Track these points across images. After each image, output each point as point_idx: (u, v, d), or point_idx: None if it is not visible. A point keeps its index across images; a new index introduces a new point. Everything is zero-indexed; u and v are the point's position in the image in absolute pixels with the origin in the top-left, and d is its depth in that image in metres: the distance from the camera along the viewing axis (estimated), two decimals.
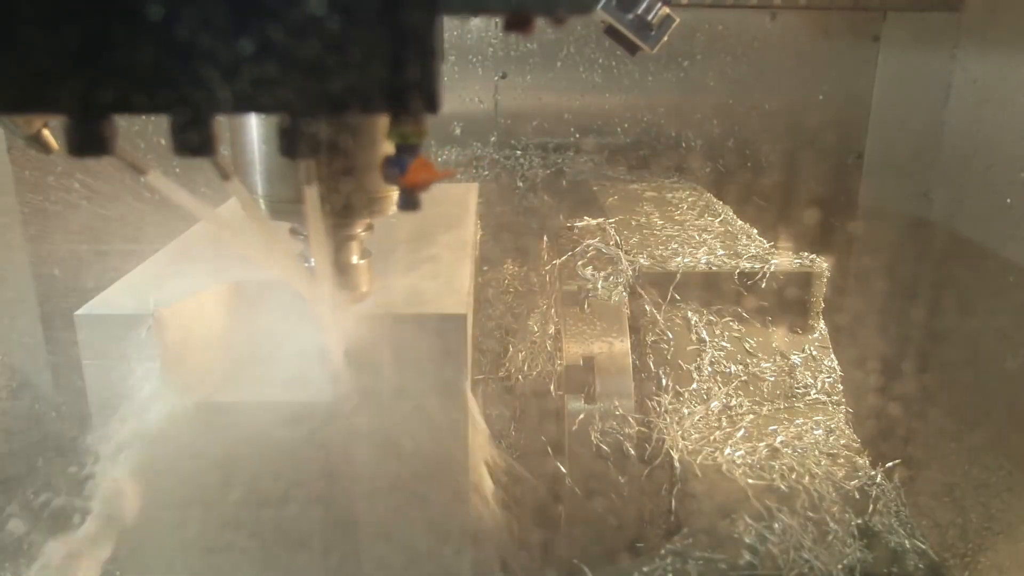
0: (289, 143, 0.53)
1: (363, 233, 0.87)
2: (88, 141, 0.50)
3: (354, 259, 0.88)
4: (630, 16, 0.85)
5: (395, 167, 0.60)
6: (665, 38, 0.86)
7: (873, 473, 1.02)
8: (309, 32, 0.47)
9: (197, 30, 0.47)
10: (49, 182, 1.88)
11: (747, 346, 1.19)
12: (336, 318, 0.85)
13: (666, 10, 0.86)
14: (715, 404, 1.13)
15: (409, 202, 0.64)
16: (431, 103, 0.50)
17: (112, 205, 1.90)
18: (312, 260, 0.83)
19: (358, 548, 0.96)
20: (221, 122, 0.52)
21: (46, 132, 0.77)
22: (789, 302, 1.22)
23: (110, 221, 1.89)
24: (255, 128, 0.79)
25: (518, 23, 0.55)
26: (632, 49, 0.88)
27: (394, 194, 0.81)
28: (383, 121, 0.76)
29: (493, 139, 2.02)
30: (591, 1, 0.57)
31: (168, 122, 0.50)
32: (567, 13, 0.53)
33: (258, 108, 0.50)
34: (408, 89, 0.50)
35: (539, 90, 1.99)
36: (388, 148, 0.75)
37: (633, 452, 1.04)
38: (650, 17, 0.85)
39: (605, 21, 0.86)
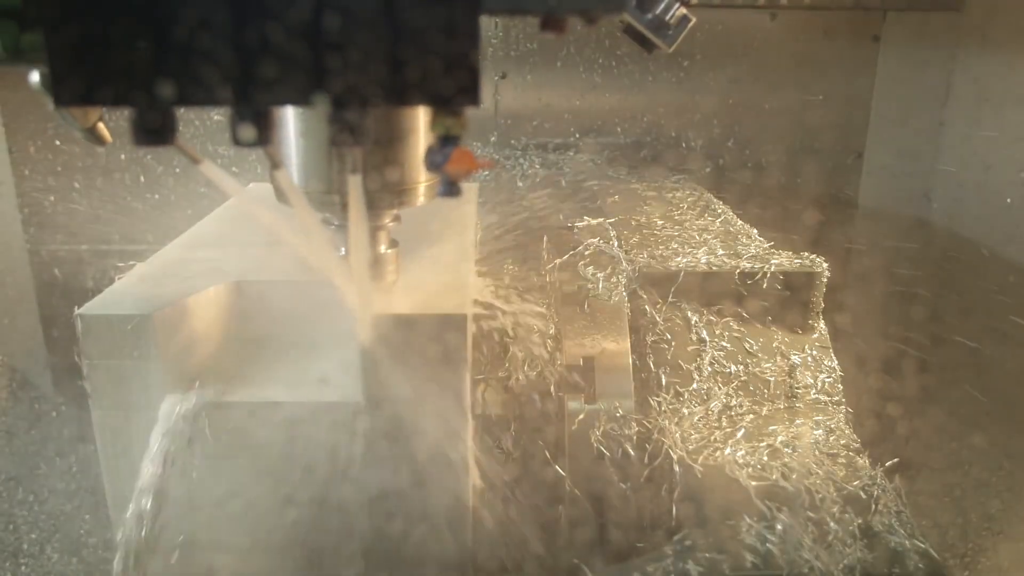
0: (339, 133, 0.55)
1: (390, 223, 0.89)
2: (151, 131, 0.53)
3: (382, 248, 0.91)
4: (649, 16, 0.87)
5: (438, 156, 0.63)
6: (681, 37, 0.89)
7: (873, 473, 1.02)
8: (360, 27, 0.51)
9: (254, 26, 0.50)
10: (49, 182, 1.88)
11: (747, 346, 1.19)
12: (355, 312, 0.86)
13: (683, 10, 0.88)
14: (715, 404, 1.13)
15: (450, 190, 0.67)
16: (473, 97, 0.54)
17: (112, 205, 1.90)
18: (344, 249, 0.86)
19: (359, 547, 0.96)
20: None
21: (101, 125, 0.78)
22: (789, 302, 1.22)
23: (110, 221, 1.89)
24: (291, 120, 0.81)
25: (553, 23, 0.57)
26: (650, 48, 0.90)
27: (422, 186, 0.86)
28: (421, 113, 0.80)
29: (493, 139, 2.02)
30: (623, 1, 0.59)
31: (227, 114, 0.53)
32: (600, 13, 0.57)
33: (310, 101, 0.53)
34: (453, 83, 0.53)
35: (539, 90, 1.99)
36: (424, 139, 0.82)
37: (633, 452, 1.04)
38: (668, 17, 0.87)
39: (624, 20, 0.88)
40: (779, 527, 0.92)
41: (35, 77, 0.53)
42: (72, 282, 1.90)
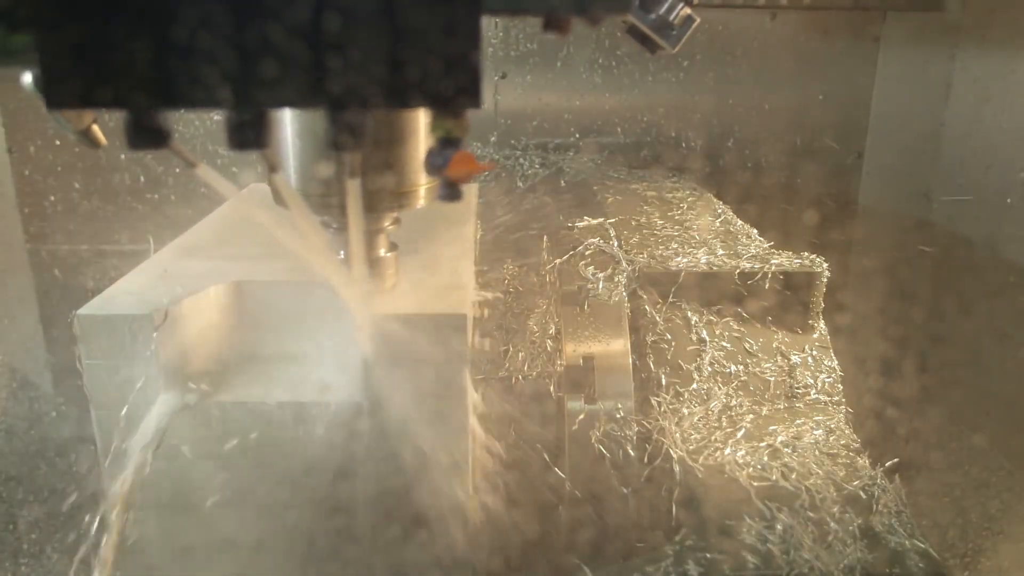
0: (336, 137, 0.54)
1: (390, 227, 0.89)
2: (145, 135, 0.52)
3: (382, 252, 0.90)
4: (652, 16, 0.86)
5: (439, 159, 0.62)
6: (686, 37, 0.88)
7: (873, 473, 1.02)
8: (360, 28, 0.50)
9: (253, 26, 0.49)
10: (49, 182, 1.88)
11: (747, 346, 1.19)
12: (352, 315, 0.86)
13: (687, 10, 0.87)
14: (715, 404, 1.13)
15: (451, 194, 0.66)
16: (475, 99, 0.53)
17: (112, 205, 1.90)
18: (342, 252, 0.85)
19: (358, 547, 0.96)
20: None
21: (95, 127, 0.78)
22: (789, 302, 1.22)
23: (110, 221, 1.89)
24: (289, 123, 0.81)
25: (556, 24, 0.56)
26: (653, 48, 0.89)
27: (422, 188, 0.85)
28: (421, 115, 0.80)
29: (493, 139, 2.02)
30: (626, 1, 0.58)
31: (224, 116, 0.52)
32: (603, 13, 0.56)
33: (309, 104, 0.52)
34: (454, 85, 0.52)
35: (539, 90, 1.99)
36: (424, 142, 0.81)
37: (633, 452, 1.04)
38: (672, 17, 0.87)
39: (627, 21, 0.87)
40: (779, 527, 0.92)
41: (28, 78, 0.52)
42: (72, 282, 1.90)
